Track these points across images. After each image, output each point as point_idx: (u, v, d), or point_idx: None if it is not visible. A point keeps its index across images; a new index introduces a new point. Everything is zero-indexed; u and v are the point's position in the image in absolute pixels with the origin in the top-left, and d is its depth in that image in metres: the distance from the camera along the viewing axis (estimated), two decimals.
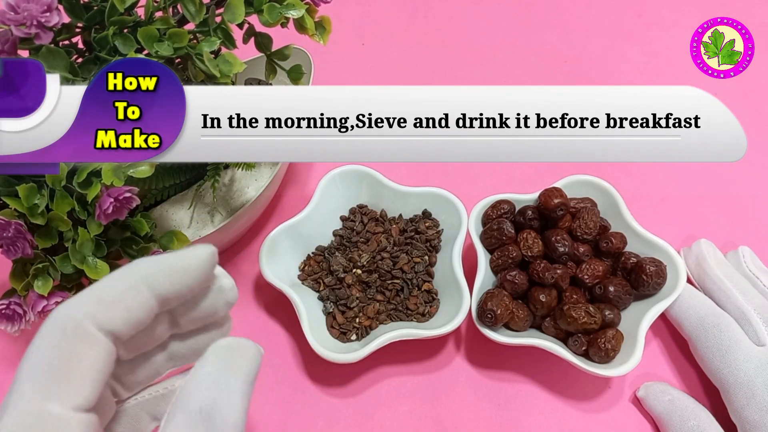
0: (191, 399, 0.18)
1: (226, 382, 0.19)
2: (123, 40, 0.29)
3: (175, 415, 0.18)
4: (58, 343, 0.18)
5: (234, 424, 0.18)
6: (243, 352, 0.20)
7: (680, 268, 0.38)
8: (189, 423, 0.18)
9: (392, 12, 0.61)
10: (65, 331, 0.18)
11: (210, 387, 0.18)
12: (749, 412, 0.34)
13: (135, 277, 0.20)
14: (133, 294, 0.19)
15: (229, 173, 0.42)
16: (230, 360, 0.19)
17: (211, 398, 0.18)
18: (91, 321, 0.19)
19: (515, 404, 0.39)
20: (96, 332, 0.19)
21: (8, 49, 0.27)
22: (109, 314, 0.19)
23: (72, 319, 0.19)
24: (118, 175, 0.29)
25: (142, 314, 0.20)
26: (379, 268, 0.41)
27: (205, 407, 0.18)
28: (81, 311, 0.19)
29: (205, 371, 0.19)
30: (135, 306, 0.19)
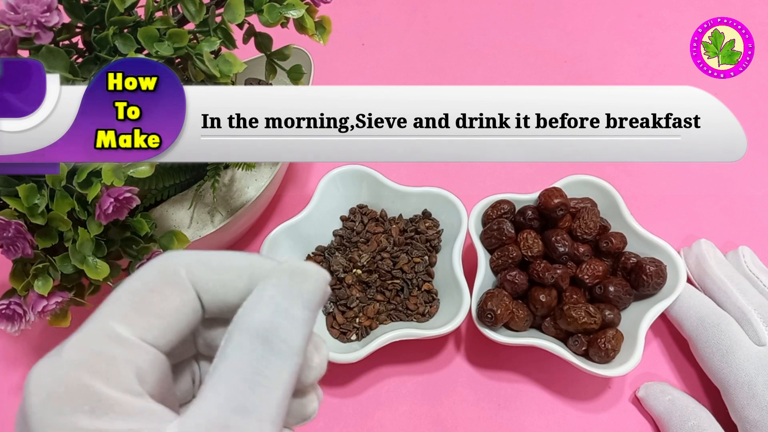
0: (251, 320, 0.18)
1: (288, 307, 0.18)
2: (123, 40, 0.29)
3: (233, 334, 0.18)
4: (151, 279, 0.19)
5: (293, 350, 0.17)
6: (307, 277, 0.19)
7: (680, 268, 0.38)
8: (249, 343, 0.17)
9: (392, 12, 0.61)
10: (162, 271, 0.19)
11: (270, 311, 0.18)
12: (750, 411, 0.34)
13: (245, 262, 0.20)
14: (235, 274, 0.19)
15: (229, 173, 0.42)
16: (294, 285, 0.18)
17: (271, 322, 0.17)
18: (187, 273, 0.19)
19: (515, 404, 0.39)
20: (188, 284, 0.19)
21: (8, 49, 0.27)
22: (206, 277, 0.19)
23: (172, 264, 0.19)
24: (118, 175, 0.29)
25: (232, 297, 0.19)
26: (379, 268, 0.41)
27: (264, 331, 0.17)
28: (184, 261, 0.19)
29: (268, 294, 0.18)
30: (231, 285, 0.19)
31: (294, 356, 0.17)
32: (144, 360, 0.17)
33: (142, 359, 0.17)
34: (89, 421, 0.16)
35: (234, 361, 0.17)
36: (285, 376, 0.17)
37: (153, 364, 0.18)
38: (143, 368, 0.17)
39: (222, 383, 0.17)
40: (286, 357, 0.17)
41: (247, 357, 0.17)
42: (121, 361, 0.17)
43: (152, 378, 0.18)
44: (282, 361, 0.17)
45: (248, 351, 0.17)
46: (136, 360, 0.17)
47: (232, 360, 0.17)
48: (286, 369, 0.17)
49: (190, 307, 0.19)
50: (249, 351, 0.17)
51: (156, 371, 0.18)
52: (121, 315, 0.18)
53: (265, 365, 0.17)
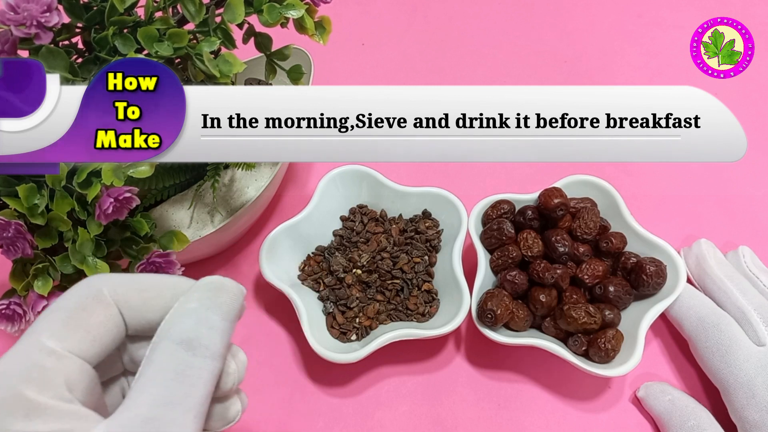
0: (174, 330, 0.20)
1: (208, 317, 0.20)
2: (123, 40, 0.29)
3: (159, 343, 0.20)
4: (77, 298, 0.20)
5: (213, 354, 0.20)
6: (225, 291, 0.21)
7: (680, 268, 0.38)
8: (173, 349, 0.19)
9: (392, 12, 0.61)
10: (86, 290, 0.21)
11: (193, 321, 0.20)
12: (749, 411, 0.34)
13: (167, 283, 0.22)
14: (155, 293, 0.21)
15: (229, 173, 0.42)
16: (213, 297, 0.21)
17: (194, 330, 0.20)
18: (110, 292, 0.21)
19: (515, 404, 0.39)
20: (111, 301, 0.21)
21: (8, 49, 0.27)
22: (128, 296, 0.21)
23: (96, 284, 0.21)
24: (118, 175, 0.29)
25: (152, 315, 0.21)
26: (379, 268, 0.41)
27: (187, 339, 0.19)
28: (109, 282, 0.21)
29: (190, 307, 0.20)
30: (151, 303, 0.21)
31: (214, 359, 0.20)
32: (72, 370, 0.19)
33: (71, 369, 0.19)
34: (23, 424, 0.17)
35: (159, 365, 0.19)
36: (206, 376, 0.19)
37: (81, 374, 0.19)
38: (72, 377, 0.19)
39: (148, 383, 0.19)
40: (206, 359, 0.20)
41: (171, 360, 0.19)
42: (51, 371, 0.19)
43: (81, 386, 0.19)
44: (203, 363, 0.19)
45: (172, 355, 0.19)
46: (65, 370, 0.19)
47: (157, 364, 0.19)
48: (207, 370, 0.19)
49: (114, 323, 0.21)
50: (173, 355, 0.19)
51: (84, 380, 0.20)
52: (50, 331, 0.19)
53: (188, 366, 0.19)
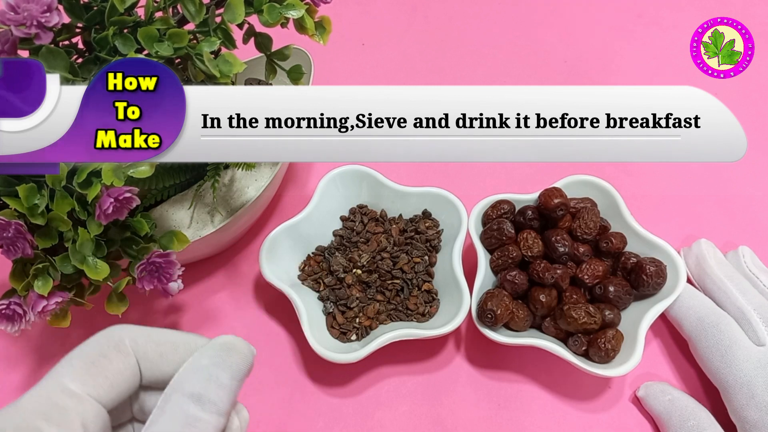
0: (185, 385, 0.21)
1: (218, 376, 0.22)
2: (123, 40, 0.29)
3: (171, 395, 0.21)
4: (100, 345, 0.22)
5: (220, 410, 0.21)
6: (236, 351, 0.23)
7: (680, 268, 0.38)
8: (183, 402, 0.21)
9: (392, 12, 0.61)
10: (108, 339, 0.22)
11: (203, 378, 0.21)
12: (749, 411, 0.34)
13: (181, 338, 0.23)
14: (171, 347, 0.23)
15: (229, 173, 0.42)
16: (224, 357, 0.22)
17: (204, 387, 0.21)
18: (130, 341, 0.22)
19: (515, 404, 0.39)
20: (130, 350, 0.22)
21: (8, 49, 0.27)
22: (146, 347, 0.23)
23: (118, 334, 0.23)
24: (118, 175, 0.29)
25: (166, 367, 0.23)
26: (379, 268, 0.41)
27: (197, 394, 0.21)
28: (129, 333, 0.23)
29: (201, 363, 0.22)
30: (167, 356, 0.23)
31: (220, 415, 0.21)
32: (89, 412, 0.21)
33: (88, 412, 0.21)
34: None
35: (170, 415, 0.21)
36: (212, 429, 0.21)
37: (97, 418, 0.21)
38: (88, 419, 0.20)
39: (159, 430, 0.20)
40: (213, 415, 0.21)
41: (181, 412, 0.21)
42: (70, 412, 0.20)
43: (95, 429, 0.21)
44: (210, 418, 0.21)
45: (182, 408, 0.21)
46: (83, 412, 0.20)
47: (168, 414, 0.21)
48: (212, 424, 0.21)
49: (131, 372, 0.22)
50: (183, 408, 0.21)
51: (99, 423, 0.21)
52: (72, 374, 0.21)
53: (196, 420, 0.21)
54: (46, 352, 0.41)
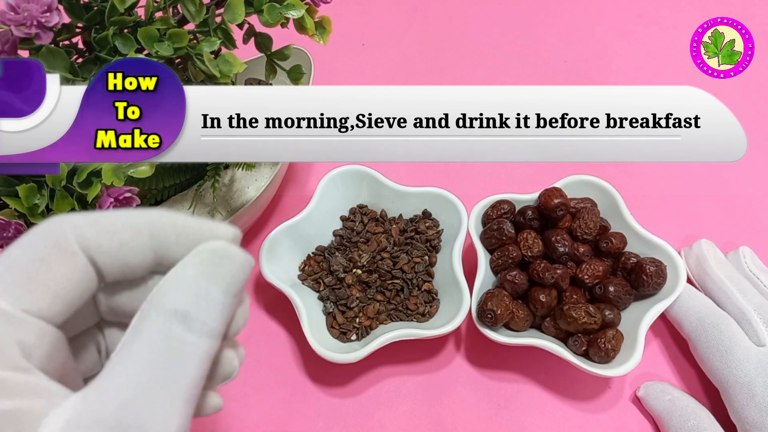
0: (168, 299, 0.17)
1: (207, 289, 0.17)
2: (123, 40, 0.29)
3: (149, 311, 0.17)
4: (34, 246, 0.17)
5: (211, 332, 0.17)
6: (230, 260, 0.18)
7: (680, 268, 0.38)
8: (165, 321, 0.17)
9: (392, 12, 0.61)
10: (44, 237, 0.17)
11: (190, 292, 0.17)
12: (749, 412, 0.34)
13: (142, 219, 0.18)
14: (132, 232, 0.18)
15: (229, 173, 0.42)
16: (215, 266, 0.18)
17: (191, 303, 0.17)
18: (76, 237, 0.18)
19: (515, 404, 0.39)
20: (77, 249, 0.18)
21: (8, 49, 0.27)
22: (99, 239, 0.18)
23: (57, 227, 0.18)
24: (118, 175, 0.29)
25: (132, 258, 0.18)
26: (379, 268, 0.40)
27: (182, 311, 0.17)
28: (70, 224, 0.18)
29: (186, 273, 0.18)
30: (129, 245, 0.18)
31: (211, 338, 0.17)
32: (29, 334, 0.16)
33: (27, 333, 0.16)
34: None
35: (147, 337, 0.16)
36: (201, 356, 0.17)
37: (41, 338, 0.17)
38: (29, 343, 0.16)
39: (132, 358, 0.16)
40: (203, 337, 0.17)
41: (161, 334, 0.16)
42: (2, 335, 0.16)
43: (41, 352, 0.17)
44: (199, 341, 0.17)
45: (163, 328, 0.16)
46: (19, 334, 0.16)
47: (144, 335, 0.16)
48: (202, 348, 0.17)
49: (82, 274, 0.18)
50: (164, 328, 0.16)
51: (45, 345, 0.17)
52: (1, 289, 0.16)
53: (180, 343, 0.16)
54: None
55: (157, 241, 0.18)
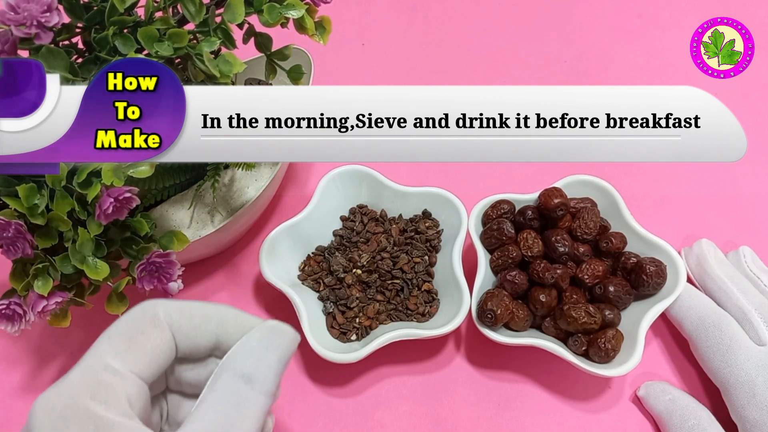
0: (236, 364, 0.22)
1: (266, 357, 0.22)
2: (123, 40, 0.29)
3: (221, 374, 0.22)
4: (136, 322, 0.23)
5: (268, 390, 0.22)
6: (284, 334, 0.23)
7: (680, 268, 0.38)
8: (234, 381, 0.21)
9: (392, 12, 0.61)
10: (143, 314, 0.23)
11: (253, 358, 0.22)
12: (750, 411, 0.34)
13: (213, 310, 0.24)
14: (204, 319, 0.24)
15: (229, 173, 0.42)
16: (272, 339, 0.23)
17: (252, 367, 0.22)
18: (165, 316, 0.23)
19: (515, 404, 0.39)
20: (166, 326, 0.23)
21: (8, 49, 0.27)
22: (181, 321, 0.23)
23: (152, 309, 0.23)
24: (118, 175, 0.29)
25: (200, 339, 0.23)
26: (379, 268, 0.40)
27: (247, 374, 0.22)
28: (163, 306, 0.23)
29: (250, 345, 0.23)
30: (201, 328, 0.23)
31: (267, 396, 0.22)
32: (133, 388, 0.21)
33: (132, 388, 0.21)
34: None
35: (221, 393, 0.21)
36: (260, 409, 0.22)
37: (140, 393, 0.21)
38: (133, 395, 0.21)
39: (210, 408, 0.21)
40: (261, 395, 0.22)
41: (232, 390, 0.21)
42: (116, 388, 0.21)
43: (139, 404, 0.21)
44: (258, 398, 0.22)
45: (233, 386, 0.21)
46: (127, 388, 0.21)
47: (219, 392, 0.21)
48: (261, 403, 0.22)
49: (168, 346, 0.23)
50: (234, 386, 0.21)
51: (142, 399, 0.21)
52: (114, 352, 0.21)
53: (246, 398, 0.21)
54: (46, 352, 0.41)
55: (221, 329, 0.24)
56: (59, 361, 0.41)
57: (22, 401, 0.39)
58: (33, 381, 0.40)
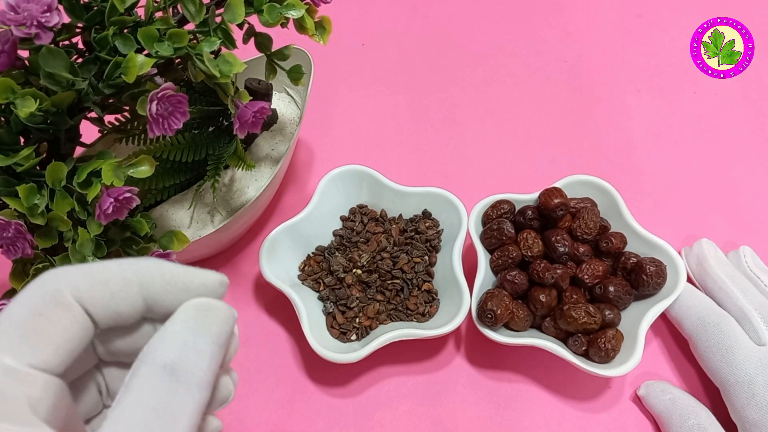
0: (157, 354, 0.18)
1: (194, 341, 0.18)
2: (123, 40, 0.29)
3: (139, 368, 0.17)
4: (34, 302, 0.18)
5: (200, 382, 0.18)
6: (214, 313, 0.19)
7: (680, 268, 0.38)
8: (154, 375, 0.17)
9: (392, 12, 0.61)
10: (42, 293, 0.18)
11: (177, 345, 0.18)
12: (750, 411, 0.34)
13: (131, 269, 0.19)
14: (123, 284, 0.19)
15: (229, 173, 0.42)
16: (200, 320, 0.19)
17: (177, 356, 0.17)
18: (71, 290, 0.18)
19: (515, 404, 0.39)
20: (73, 302, 0.18)
21: (8, 49, 0.27)
22: (92, 291, 0.19)
23: (53, 283, 0.18)
24: (118, 175, 0.29)
25: (123, 307, 0.19)
26: (379, 268, 0.40)
27: (170, 364, 0.17)
28: (65, 278, 0.19)
29: (173, 329, 0.18)
30: (120, 295, 0.19)
31: (201, 388, 0.17)
32: (35, 388, 0.17)
33: (34, 387, 0.17)
34: None
35: (138, 393, 0.17)
36: (191, 408, 0.17)
37: (46, 390, 0.17)
38: (35, 397, 0.17)
39: (125, 415, 0.16)
40: (192, 388, 0.17)
41: (152, 388, 0.17)
42: (11, 394, 0.17)
43: (46, 404, 0.17)
44: (188, 392, 0.17)
45: (153, 383, 0.17)
46: (26, 390, 0.17)
47: (136, 392, 0.17)
48: (192, 400, 0.17)
49: (80, 325, 0.19)
50: (154, 383, 0.17)
51: (50, 397, 0.17)
52: (5, 345, 0.17)
53: (171, 396, 0.17)
54: None
55: (146, 290, 0.19)
56: None
57: None
58: None
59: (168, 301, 0.19)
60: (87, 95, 0.29)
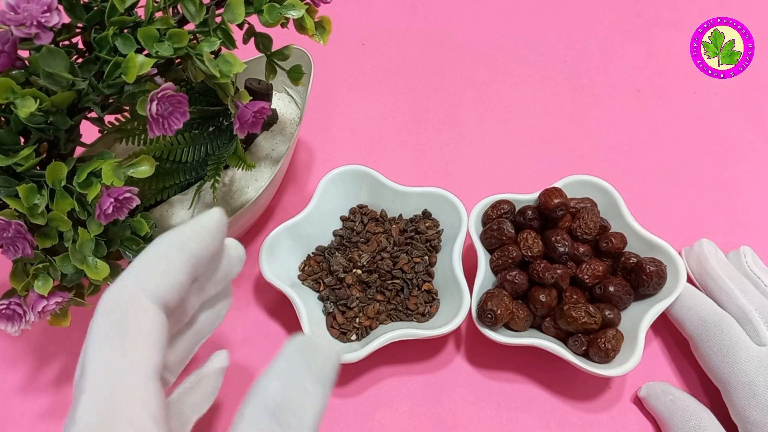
0: (262, 395, 0.18)
1: (298, 380, 0.18)
2: (123, 40, 0.29)
3: (245, 410, 0.18)
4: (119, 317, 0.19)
5: (303, 425, 0.17)
6: (318, 351, 0.19)
7: (680, 268, 0.38)
8: (258, 418, 0.17)
9: (392, 12, 0.61)
10: (122, 305, 0.19)
11: (281, 384, 0.18)
12: (750, 411, 0.34)
13: (165, 245, 0.21)
14: (169, 258, 0.21)
15: (229, 173, 0.42)
16: (304, 359, 0.18)
17: (282, 396, 0.18)
18: (142, 292, 0.20)
19: (515, 404, 0.39)
20: (148, 303, 0.20)
21: (8, 49, 0.27)
22: (155, 280, 0.20)
23: (126, 292, 0.20)
24: (118, 175, 0.29)
25: (182, 276, 0.21)
26: (379, 268, 0.40)
27: (274, 405, 0.17)
28: (132, 282, 0.20)
29: (278, 367, 0.18)
30: (174, 269, 0.21)
31: (311, 430, 0.17)
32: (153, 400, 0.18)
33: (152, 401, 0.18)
34: None
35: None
36: None
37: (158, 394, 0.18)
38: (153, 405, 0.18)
39: None
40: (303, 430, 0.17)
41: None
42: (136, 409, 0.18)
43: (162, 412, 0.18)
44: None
45: (257, 427, 0.17)
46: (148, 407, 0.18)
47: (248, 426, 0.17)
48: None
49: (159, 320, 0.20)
50: (258, 427, 0.17)
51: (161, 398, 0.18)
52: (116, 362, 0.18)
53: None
54: (46, 352, 0.41)
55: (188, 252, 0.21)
56: (59, 361, 0.41)
57: (22, 401, 0.39)
58: (33, 381, 0.40)
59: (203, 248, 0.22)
60: (87, 95, 0.29)
